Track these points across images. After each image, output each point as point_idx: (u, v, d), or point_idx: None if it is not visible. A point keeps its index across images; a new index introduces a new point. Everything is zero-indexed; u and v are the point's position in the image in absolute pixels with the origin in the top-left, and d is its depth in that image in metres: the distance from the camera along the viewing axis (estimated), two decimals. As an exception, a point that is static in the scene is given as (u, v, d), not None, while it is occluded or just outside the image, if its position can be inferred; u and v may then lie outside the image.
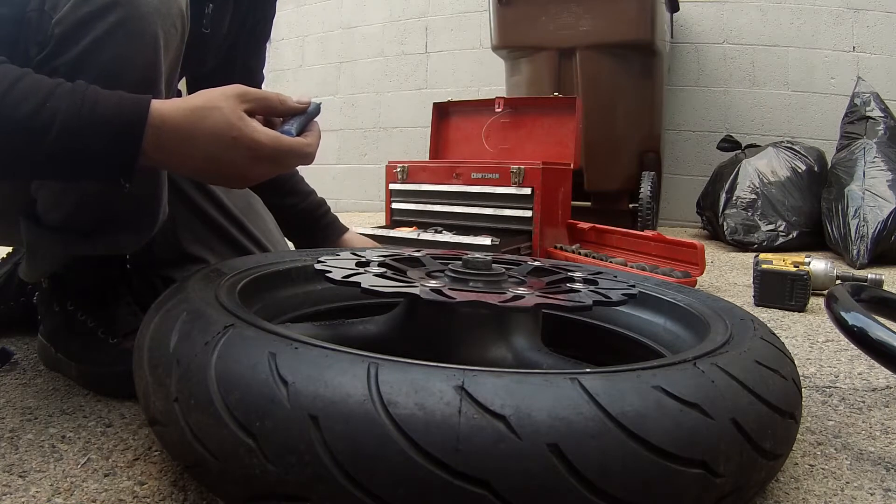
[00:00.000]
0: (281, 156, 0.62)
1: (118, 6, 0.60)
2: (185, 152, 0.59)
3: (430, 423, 0.36)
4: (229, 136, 0.59)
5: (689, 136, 3.08)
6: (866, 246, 1.92)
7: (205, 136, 0.58)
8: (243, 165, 0.61)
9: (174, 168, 0.62)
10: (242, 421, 0.40)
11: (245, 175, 0.63)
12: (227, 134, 0.58)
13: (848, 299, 0.74)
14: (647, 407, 0.39)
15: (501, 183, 1.83)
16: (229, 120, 0.59)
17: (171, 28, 0.65)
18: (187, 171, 0.62)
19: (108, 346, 0.76)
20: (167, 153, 0.58)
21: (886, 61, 2.76)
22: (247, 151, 0.60)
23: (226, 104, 0.59)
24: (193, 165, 0.61)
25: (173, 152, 0.59)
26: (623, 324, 0.79)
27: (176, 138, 0.58)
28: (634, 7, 2.26)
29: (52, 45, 0.60)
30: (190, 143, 0.58)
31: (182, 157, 0.59)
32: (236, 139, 0.59)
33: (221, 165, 0.60)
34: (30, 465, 0.56)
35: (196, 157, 0.59)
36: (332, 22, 3.97)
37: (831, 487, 0.56)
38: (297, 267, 0.80)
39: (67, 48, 0.60)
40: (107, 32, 0.60)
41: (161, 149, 0.58)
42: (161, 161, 0.60)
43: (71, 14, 0.59)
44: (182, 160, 0.60)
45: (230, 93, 0.60)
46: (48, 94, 0.54)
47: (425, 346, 0.63)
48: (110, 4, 0.60)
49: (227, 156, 0.59)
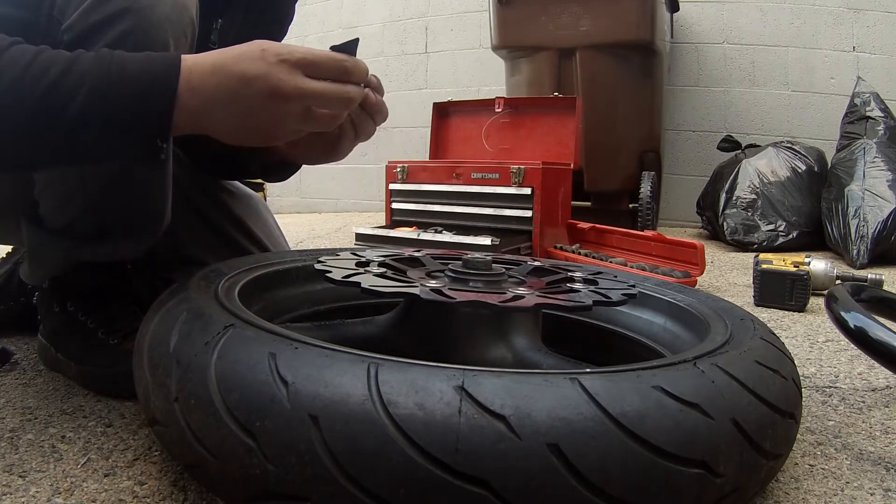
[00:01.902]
0: (314, 60, 0.58)
1: (129, 14, 0.59)
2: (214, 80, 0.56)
3: (430, 423, 0.36)
4: (257, 48, 0.57)
5: (689, 136, 3.08)
6: (866, 246, 1.92)
7: (233, 57, 0.56)
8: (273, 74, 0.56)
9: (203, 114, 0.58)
10: (242, 421, 0.40)
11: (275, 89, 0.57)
12: (254, 48, 0.57)
13: (848, 299, 0.74)
14: (647, 407, 0.39)
15: (501, 183, 1.83)
16: (257, 42, 0.57)
17: (181, 37, 0.64)
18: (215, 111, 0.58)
19: (108, 346, 0.76)
20: (198, 91, 0.55)
21: (886, 61, 2.76)
22: (275, 57, 0.56)
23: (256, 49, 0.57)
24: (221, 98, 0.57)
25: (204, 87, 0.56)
26: (623, 324, 0.79)
27: (206, 71, 0.56)
28: (634, 7, 2.26)
29: None
30: (220, 69, 0.56)
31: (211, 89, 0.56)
32: (264, 49, 0.57)
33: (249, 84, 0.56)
34: (30, 465, 0.56)
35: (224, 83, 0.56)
36: (332, 22, 3.97)
37: (831, 487, 0.56)
38: (297, 267, 0.80)
39: None
40: (117, 40, 0.59)
41: (193, 89, 0.55)
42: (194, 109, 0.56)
43: (81, 21, 0.59)
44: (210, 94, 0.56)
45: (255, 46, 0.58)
46: (72, 61, 0.53)
47: (425, 346, 0.63)
48: (121, 12, 0.59)
49: (256, 67, 0.56)
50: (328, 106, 0.61)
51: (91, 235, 0.72)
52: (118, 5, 0.59)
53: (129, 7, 0.59)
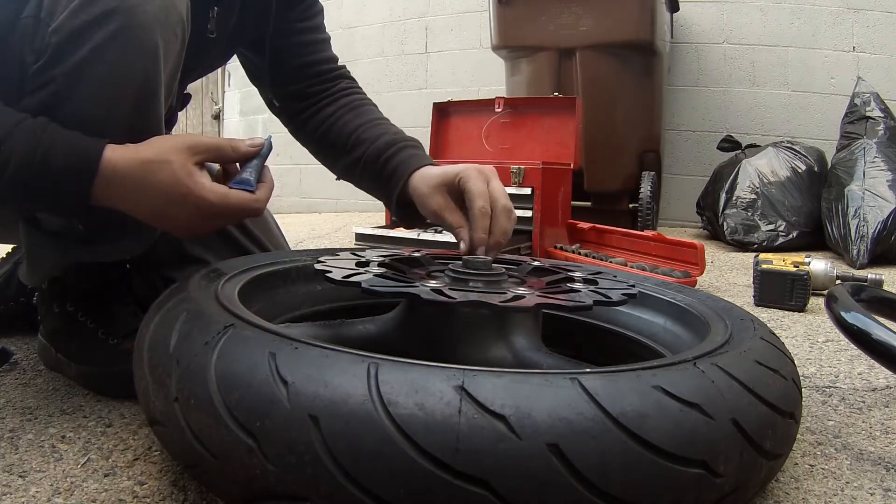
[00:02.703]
0: (228, 213, 0.64)
1: (117, 14, 0.58)
2: (134, 201, 0.61)
3: (431, 423, 0.36)
4: (178, 193, 0.60)
5: (689, 136, 3.08)
6: (866, 246, 1.92)
7: (154, 190, 0.60)
8: (191, 221, 0.63)
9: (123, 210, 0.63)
10: (242, 421, 0.40)
11: (193, 229, 0.65)
12: (175, 191, 0.60)
13: (848, 299, 0.74)
14: (648, 407, 0.39)
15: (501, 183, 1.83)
16: (178, 177, 0.60)
17: (171, 36, 0.64)
18: (137, 216, 0.64)
19: (108, 347, 0.76)
20: (117, 201, 0.60)
21: (886, 61, 2.76)
22: (194, 209, 0.61)
23: (176, 158, 0.60)
24: (143, 214, 0.63)
25: (123, 200, 0.61)
26: (623, 324, 0.79)
27: (125, 189, 0.60)
28: (634, 7, 2.26)
29: (49, 55, 0.59)
30: (139, 195, 0.60)
31: (132, 205, 0.61)
32: (185, 196, 0.60)
33: (170, 218, 0.63)
34: (30, 465, 0.56)
35: (145, 208, 0.62)
36: (332, 22, 3.94)
37: (831, 487, 0.56)
38: (297, 267, 0.80)
39: (65, 58, 0.58)
40: (106, 42, 0.58)
41: (111, 197, 0.60)
42: (111, 205, 0.61)
43: (68, 22, 0.58)
44: (131, 208, 0.62)
45: (181, 145, 0.61)
46: (7, 135, 0.56)
47: (425, 345, 0.63)
48: (109, 13, 0.58)
49: (175, 211, 0.61)
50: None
51: (88, 236, 0.72)
52: (106, 5, 0.58)
53: (116, 7, 0.58)
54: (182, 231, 0.66)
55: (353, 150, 0.90)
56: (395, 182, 0.85)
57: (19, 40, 0.59)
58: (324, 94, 0.97)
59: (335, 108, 0.95)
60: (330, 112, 0.94)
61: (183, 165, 0.60)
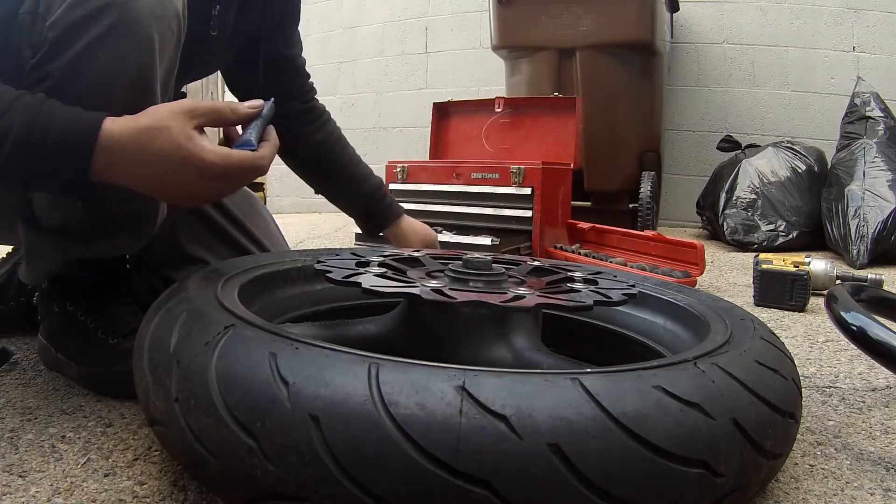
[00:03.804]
0: (231, 173, 0.62)
1: (112, 9, 0.59)
2: (135, 172, 0.59)
3: (431, 423, 0.36)
4: (178, 156, 0.59)
5: (689, 136, 3.08)
6: (866, 246, 1.92)
7: (154, 157, 0.58)
8: (194, 185, 0.61)
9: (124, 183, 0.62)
10: (243, 421, 0.40)
11: (196, 194, 0.63)
12: (175, 155, 0.59)
13: (848, 299, 0.74)
14: (648, 407, 0.39)
15: (501, 183, 1.83)
16: (177, 141, 0.59)
17: (166, 31, 0.64)
18: (140, 189, 0.62)
19: (108, 346, 0.76)
20: (118, 172, 0.59)
21: (886, 61, 2.76)
22: (196, 172, 0.60)
23: (174, 123, 0.59)
24: (145, 184, 0.61)
25: (124, 172, 0.59)
26: (623, 324, 0.79)
27: (125, 159, 0.58)
28: (634, 7, 2.26)
29: (46, 49, 0.59)
30: (139, 164, 0.59)
31: (133, 176, 0.60)
32: (185, 159, 0.59)
33: (172, 186, 0.61)
34: (30, 465, 0.56)
35: (147, 177, 0.60)
36: (332, 22, 3.97)
37: (831, 487, 0.56)
38: (297, 267, 0.80)
39: (61, 52, 0.59)
40: (101, 36, 0.59)
41: (111, 168, 0.58)
42: (113, 179, 0.60)
43: (65, 17, 0.59)
44: (133, 179, 0.60)
45: (178, 110, 0.60)
46: (6, 109, 0.55)
47: (425, 345, 0.63)
48: (104, 7, 0.59)
49: (177, 177, 0.60)
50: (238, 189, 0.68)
51: (87, 232, 0.72)
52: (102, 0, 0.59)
53: (112, 2, 0.59)
54: (185, 200, 0.64)
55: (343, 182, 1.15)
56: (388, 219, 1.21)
57: (17, 35, 0.60)
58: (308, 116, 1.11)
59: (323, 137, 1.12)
60: (320, 140, 1.12)
61: (182, 130, 0.59)
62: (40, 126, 0.55)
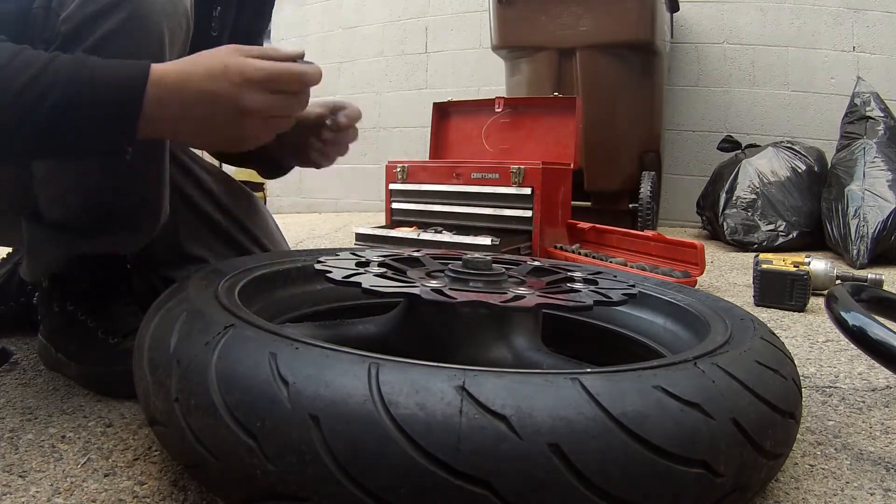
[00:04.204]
0: (276, 76, 0.60)
1: (124, 4, 0.60)
2: (181, 96, 0.58)
3: (431, 423, 0.36)
4: (221, 65, 0.58)
5: (689, 136, 3.08)
6: (866, 246, 1.92)
7: (199, 73, 0.58)
8: (237, 94, 0.58)
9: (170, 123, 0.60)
10: (243, 421, 0.40)
11: (240, 106, 0.59)
12: (218, 64, 0.58)
13: (848, 299, 0.74)
14: (648, 407, 0.39)
15: (501, 183, 1.83)
16: (221, 55, 0.59)
17: (176, 27, 0.65)
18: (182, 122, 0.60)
19: (108, 346, 0.76)
20: (165, 105, 0.58)
21: (886, 61, 2.75)
22: (239, 76, 0.58)
23: (219, 49, 0.60)
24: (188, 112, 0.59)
25: (171, 101, 0.58)
26: (623, 324, 0.79)
27: (173, 84, 0.58)
28: (634, 7, 2.25)
29: (59, 43, 0.60)
30: (186, 85, 0.58)
31: (177, 104, 0.58)
32: (227, 66, 0.58)
33: (214, 103, 0.58)
34: (30, 465, 0.56)
35: (191, 98, 0.58)
36: (332, 22, 3.97)
37: (831, 487, 0.56)
38: (297, 267, 0.80)
39: (74, 45, 0.60)
40: (113, 30, 0.60)
41: (161, 102, 0.57)
42: (160, 118, 0.58)
43: (78, 11, 0.60)
44: (177, 108, 0.59)
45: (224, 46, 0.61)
46: (49, 60, 0.55)
47: (425, 345, 0.63)
48: (117, 2, 0.60)
49: (220, 85, 0.58)
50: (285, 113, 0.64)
51: (89, 228, 0.72)
52: None
53: None
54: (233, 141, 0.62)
55: None
56: None
57: (31, 30, 0.61)
58: None
59: None
60: None
61: (227, 50, 0.59)
62: (88, 69, 0.55)
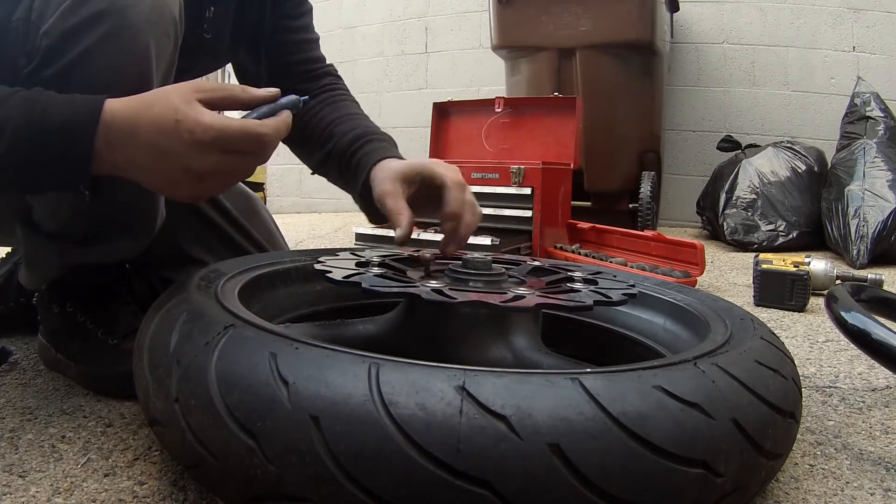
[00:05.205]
0: (229, 138, 0.55)
1: (107, 16, 0.58)
2: (130, 144, 0.55)
3: (432, 423, 0.36)
4: (172, 119, 0.54)
5: (689, 136, 3.08)
6: (866, 246, 1.92)
7: (148, 123, 0.54)
8: (187, 154, 0.55)
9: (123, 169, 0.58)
10: (243, 421, 0.40)
11: (190, 167, 0.56)
12: (170, 118, 0.54)
13: (848, 299, 0.74)
14: (648, 407, 0.39)
15: (501, 183, 1.83)
16: (174, 105, 0.54)
17: (163, 37, 0.63)
18: (134, 170, 0.58)
19: (108, 347, 0.76)
20: (116, 150, 0.55)
21: (886, 61, 2.76)
22: (189, 135, 0.54)
23: (176, 92, 0.55)
24: (138, 162, 0.56)
25: (121, 147, 0.55)
26: (623, 324, 0.79)
27: (123, 131, 0.54)
28: (634, 7, 2.26)
29: (41, 57, 0.58)
30: (135, 134, 0.54)
31: (128, 151, 0.55)
32: (179, 122, 0.54)
33: (164, 159, 0.55)
34: (30, 465, 0.56)
35: (140, 150, 0.55)
36: (332, 22, 3.97)
37: (831, 487, 0.56)
38: (297, 267, 0.80)
39: (56, 60, 0.57)
40: (96, 43, 0.57)
41: (111, 146, 0.54)
42: (112, 161, 0.56)
43: (58, 24, 0.57)
44: (128, 156, 0.56)
45: (186, 85, 0.56)
46: (9, 96, 0.53)
47: (425, 345, 0.63)
48: (99, 14, 0.57)
49: (169, 143, 0.54)
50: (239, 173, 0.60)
51: (85, 237, 0.72)
52: (96, 7, 0.57)
53: (106, 9, 0.57)
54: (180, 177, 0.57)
55: (325, 144, 0.89)
56: (359, 174, 0.83)
57: (11, 43, 0.58)
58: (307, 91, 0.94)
59: (314, 102, 0.92)
60: (309, 107, 0.92)
61: (182, 96, 0.54)
62: (39, 112, 0.53)
